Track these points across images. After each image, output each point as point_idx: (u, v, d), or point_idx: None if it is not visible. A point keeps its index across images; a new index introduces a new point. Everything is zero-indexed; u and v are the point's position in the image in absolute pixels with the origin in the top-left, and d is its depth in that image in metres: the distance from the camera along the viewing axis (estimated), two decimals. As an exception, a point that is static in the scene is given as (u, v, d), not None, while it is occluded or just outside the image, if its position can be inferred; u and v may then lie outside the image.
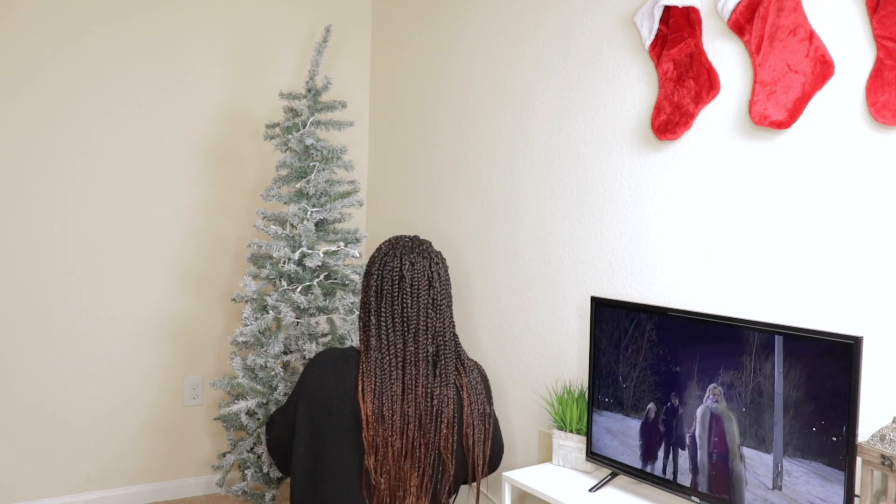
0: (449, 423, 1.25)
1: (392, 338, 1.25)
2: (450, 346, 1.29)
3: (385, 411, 1.21)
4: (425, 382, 1.24)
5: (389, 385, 1.23)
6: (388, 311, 1.27)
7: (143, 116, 2.57)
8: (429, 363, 1.26)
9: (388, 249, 1.31)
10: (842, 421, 1.30)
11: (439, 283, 1.30)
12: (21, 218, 2.40)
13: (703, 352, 1.54)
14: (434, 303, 1.28)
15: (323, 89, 2.28)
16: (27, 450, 2.43)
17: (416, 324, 1.26)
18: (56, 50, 2.42)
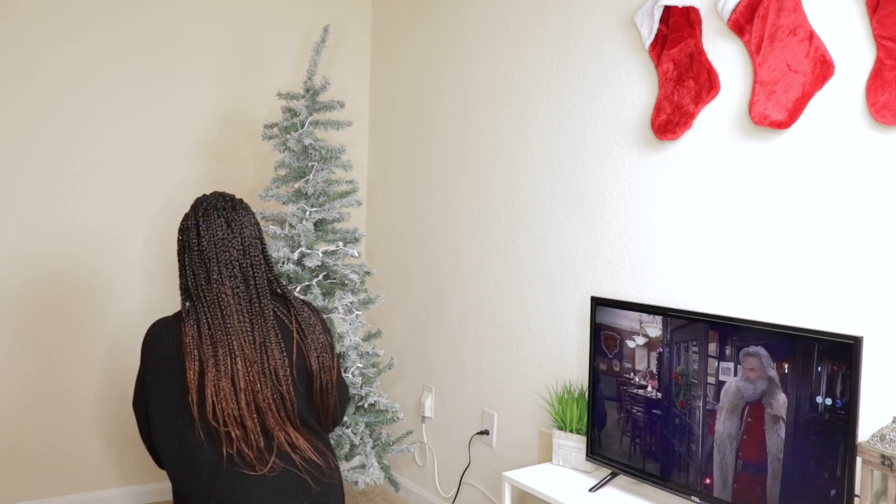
0: (277, 356, 1.29)
1: (202, 285, 1.29)
2: (260, 282, 1.32)
3: (209, 374, 1.25)
4: (240, 321, 1.28)
5: (211, 345, 1.26)
6: (192, 262, 1.32)
7: (141, 116, 2.56)
8: (241, 300, 1.30)
9: (189, 210, 1.38)
10: (842, 421, 1.30)
11: (238, 225, 1.33)
12: (21, 218, 2.40)
13: (703, 352, 1.54)
14: (236, 242, 1.32)
15: (321, 89, 2.28)
16: (28, 449, 2.43)
17: (217, 264, 1.30)
18: (55, 50, 2.41)
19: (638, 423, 1.67)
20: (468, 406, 2.45)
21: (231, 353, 1.26)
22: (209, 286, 1.29)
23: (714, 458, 1.52)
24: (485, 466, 2.37)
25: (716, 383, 1.51)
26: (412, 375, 2.73)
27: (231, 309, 1.28)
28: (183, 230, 1.35)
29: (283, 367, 1.30)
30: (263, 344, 1.29)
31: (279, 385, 1.29)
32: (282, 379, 1.29)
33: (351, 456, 2.24)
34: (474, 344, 2.42)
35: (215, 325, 1.27)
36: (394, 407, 2.25)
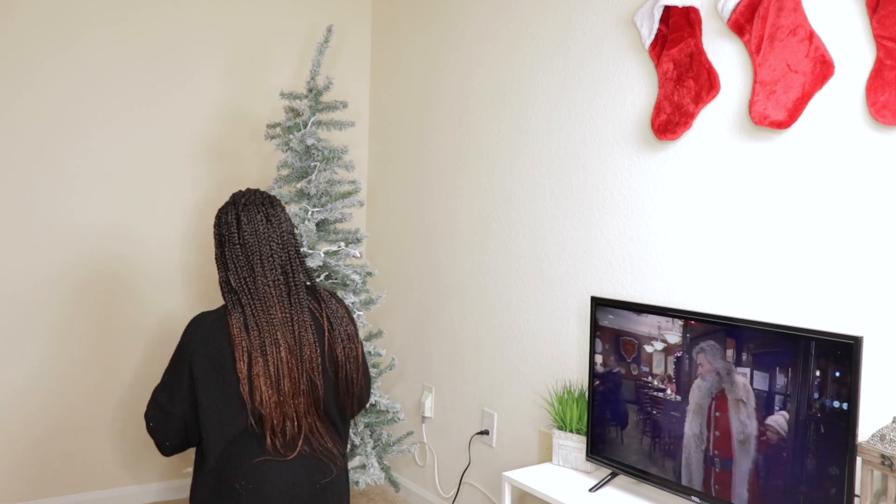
0: (311, 346, 1.35)
1: (246, 278, 1.35)
2: (297, 275, 1.38)
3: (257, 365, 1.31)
4: (281, 312, 1.34)
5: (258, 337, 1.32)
6: (234, 255, 1.36)
7: (144, 117, 2.57)
8: (282, 292, 1.36)
9: (225, 204, 1.41)
10: (842, 420, 1.30)
11: (276, 221, 1.38)
12: (22, 218, 2.40)
13: (703, 351, 1.53)
14: (275, 236, 1.37)
15: (324, 89, 2.28)
16: (29, 449, 2.43)
17: (260, 258, 1.35)
18: (57, 51, 2.42)
19: (646, 425, 1.67)
20: (468, 406, 2.45)
21: (276, 344, 1.32)
22: (253, 279, 1.34)
23: (714, 456, 1.51)
24: (485, 466, 2.37)
25: (716, 383, 1.51)
26: (412, 375, 2.73)
27: (273, 301, 1.34)
28: (222, 224, 1.38)
29: (315, 356, 1.35)
30: (300, 334, 1.35)
31: (312, 373, 1.35)
32: (315, 368, 1.35)
33: (351, 456, 2.24)
34: (474, 344, 2.42)
35: (260, 317, 1.33)
36: (394, 407, 2.26)
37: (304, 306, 1.36)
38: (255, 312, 1.33)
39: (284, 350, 1.32)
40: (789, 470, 1.38)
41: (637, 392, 1.67)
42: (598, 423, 1.76)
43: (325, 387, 1.37)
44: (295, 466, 1.33)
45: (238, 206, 1.38)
